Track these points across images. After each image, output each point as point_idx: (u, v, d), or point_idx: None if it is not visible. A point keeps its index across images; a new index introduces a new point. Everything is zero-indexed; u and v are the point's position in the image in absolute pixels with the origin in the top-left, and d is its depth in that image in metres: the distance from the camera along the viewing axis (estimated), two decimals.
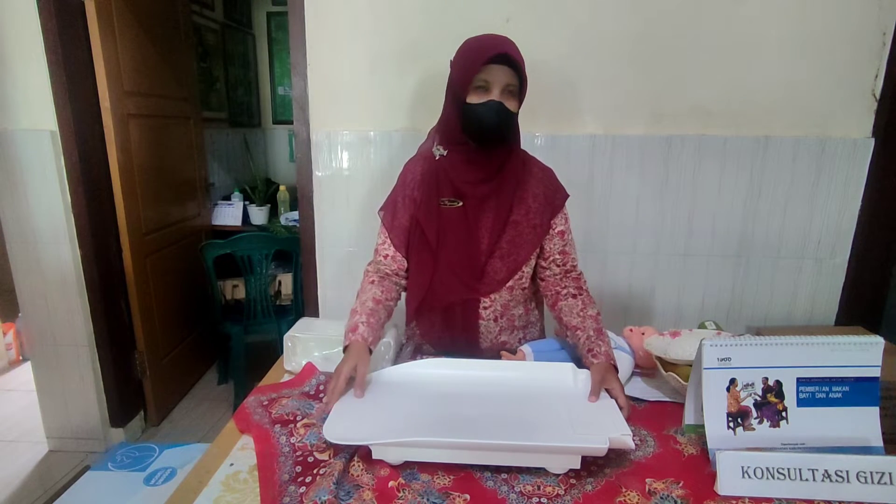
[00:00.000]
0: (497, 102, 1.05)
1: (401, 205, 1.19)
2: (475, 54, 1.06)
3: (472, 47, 1.08)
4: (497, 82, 1.05)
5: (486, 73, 1.04)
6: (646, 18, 1.66)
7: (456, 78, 1.10)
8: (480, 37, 1.10)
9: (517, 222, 1.15)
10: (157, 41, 2.39)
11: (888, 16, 1.61)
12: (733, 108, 1.70)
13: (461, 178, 1.14)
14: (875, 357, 0.85)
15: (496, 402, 0.96)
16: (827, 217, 1.75)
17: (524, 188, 1.16)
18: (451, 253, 1.15)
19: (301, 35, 1.75)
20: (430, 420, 0.89)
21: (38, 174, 1.97)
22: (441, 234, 1.15)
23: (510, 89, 1.06)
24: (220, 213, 3.01)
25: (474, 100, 1.06)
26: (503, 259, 1.16)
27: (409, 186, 1.19)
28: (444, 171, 1.15)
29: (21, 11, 1.84)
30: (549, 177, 1.21)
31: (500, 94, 1.06)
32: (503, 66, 1.05)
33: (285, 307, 2.74)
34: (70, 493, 1.40)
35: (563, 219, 1.20)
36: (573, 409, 0.93)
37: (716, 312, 1.85)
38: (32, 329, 2.14)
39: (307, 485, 0.79)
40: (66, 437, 2.24)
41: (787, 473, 0.78)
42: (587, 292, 1.18)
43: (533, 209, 1.16)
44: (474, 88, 1.06)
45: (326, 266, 1.92)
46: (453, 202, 1.15)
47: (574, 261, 1.21)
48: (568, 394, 0.98)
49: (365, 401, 0.95)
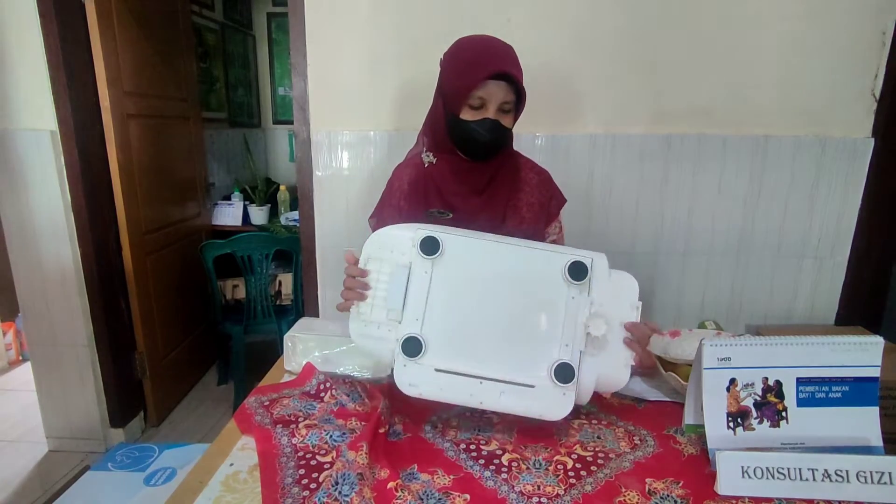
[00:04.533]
0: (492, 121, 1.00)
1: (388, 214, 1.15)
2: (472, 69, 0.97)
3: (469, 59, 0.99)
4: (494, 100, 0.99)
5: (483, 89, 0.98)
6: (646, 18, 1.66)
7: (448, 88, 1.02)
8: (476, 43, 1.01)
9: (509, 233, 1.11)
10: (157, 41, 2.39)
11: (888, 16, 1.61)
12: (733, 108, 1.70)
13: (450, 190, 1.09)
14: (875, 357, 0.85)
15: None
16: (827, 216, 1.75)
17: (517, 197, 1.12)
18: None
19: (301, 35, 1.75)
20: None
21: (38, 174, 1.97)
22: None
23: (506, 107, 1.01)
24: (220, 213, 3.01)
25: (468, 116, 1.00)
26: None
27: (395, 195, 1.14)
28: (432, 180, 1.10)
29: (21, 11, 1.84)
30: (544, 182, 1.16)
31: (495, 111, 1.00)
32: (501, 82, 0.98)
33: (285, 307, 2.74)
34: (70, 493, 1.40)
35: (557, 227, 1.16)
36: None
37: (715, 312, 1.85)
38: (32, 329, 2.14)
39: (310, 489, 0.79)
40: (66, 437, 2.24)
41: (787, 473, 0.78)
42: None
43: (527, 219, 1.12)
44: (468, 104, 0.99)
45: (326, 266, 1.92)
46: (443, 213, 1.10)
47: None
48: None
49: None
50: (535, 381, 0.89)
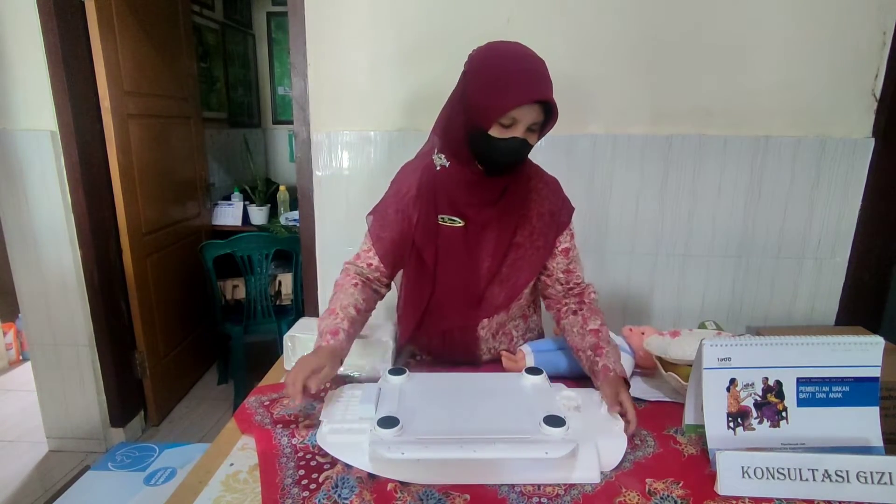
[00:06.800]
0: (521, 141, 0.97)
1: (392, 218, 1.12)
2: (512, 91, 0.93)
3: (507, 79, 0.94)
4: (525, 121, 0.96)
5: (518, 110, 0.94)
6: (646, 18, 1.66)
7: (478, 102, 0.97)
8: (512, 58, 0.96)
9: (520, 244, 1.10)
10: (157, 41, 2.39)
11: (888, 16, 1.61)
12: (733, 108, 1.70)
13: (463, 200, 1.07)
14: (875, 357, 0.85)
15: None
16: (827, 217, 1.75)
17: (529, 207, 1.10)
18: (450, 276, 1.10)
19: (301, 35, 1.75)
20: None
21: (38, 174, 1.97)
22: (439, 255, 1.09)
23: (534, 127, 0.98)
24: (220, 213, 3.01)
25: (496, 133, 0.97)
26: (502, 284, 1.11)
27: (403, 199, 1.11)
28: (443, 186, 1.08)
29: (21, 11, 1.84)
30: (554, 191, 1.14)
31: (524, 131, 0.97)
32: (536, 105, 0.95)
33: (285, 307, 2.74)
34: (70, 493, 1.40)
35: (569, 235, 1.14)
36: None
37: (716, 312, 1.85)
38: (32, 329, 2.14)
39: (310, 490, 0.79)
40: (66, 437, 2.24)
41: (787, 473, 0.78)
42: (589, 304, 1.12)
43: (537, 229, 1.10)
44: (499, 122, 0.96)
45: (326, 266, 1.92)
46: (454, 221, 1.08)
47: (578, 278, 1.16)
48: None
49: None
50: (527, 434, 0.85)
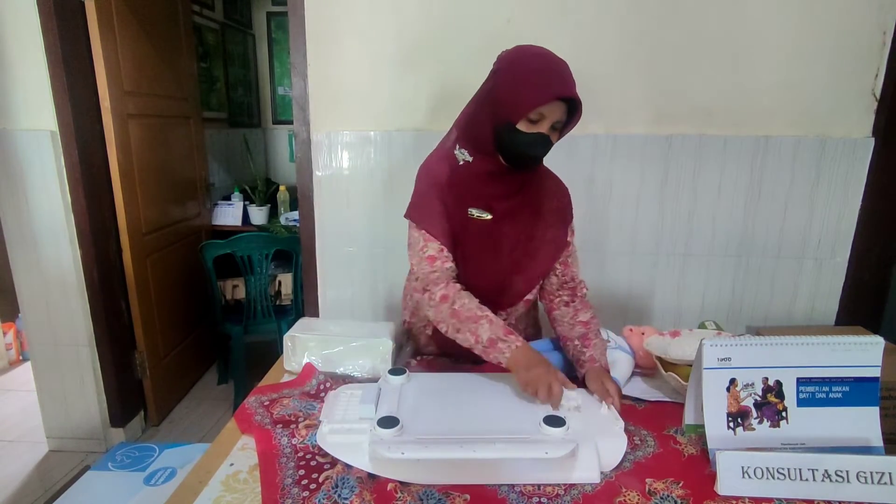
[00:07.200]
0: (545, 137, 1.03)
1: (434, 209, 1.12)
2: (544, 86, 1.00)
3: (541, 75, 1.01)
4: (552, 118, 1.02)
5: (548, 106, 1.00)
6: (647, 18, 1.66)
7: (509, 97, 1.02)
8: (544, 58, 1.03)
9: (536, 237, 1.15)
10: (157, 41, 2.39)
11: (888, 15, 1.61)
12: (733, 108, 1.70)
13: (488, 192, 1.11)
14: (875, 357, 0.85)
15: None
16: (827, 217, 1.75)
17: (542, 202, 1.16)
18: (477, 267, 1.14)
19: (301, 35, 1.75)
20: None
21: (38, 174, 1.97)
22: (471, 248, 1.13)
23: (558, 125, 1.04)
24: (220, 213, 3.01)
25: (524, 128, 1.02)
26: (522, 273, 1.17)
27: (436, 188, 1.12)
28: (467, 180, 1.11)
29: (21, 11, 1.84)
30: (560, 190, 1.21)
31: (549, 128, 1.03)
32: (563, 104, 1.02)
33: (285, 307, 2.74)
34: (70, 493, 1.40)
35: (571, 232, 1.21)
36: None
37: (716, 312, 1.85)
38: (32, 329, 2.14)
39: (310, 490, 0.79)
40: (66, 437, 2.24)
41: (787, 473, 0.78)
42: (581, 298, 1.19)
43: (550, 223, 1.17)
44: (528, 118, 1.01)
45: (326, 266, 1.92)
46: (482, 214, 1.12)
47: (574, 273, 1.22)
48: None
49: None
50: (527, 434, 0.86)
